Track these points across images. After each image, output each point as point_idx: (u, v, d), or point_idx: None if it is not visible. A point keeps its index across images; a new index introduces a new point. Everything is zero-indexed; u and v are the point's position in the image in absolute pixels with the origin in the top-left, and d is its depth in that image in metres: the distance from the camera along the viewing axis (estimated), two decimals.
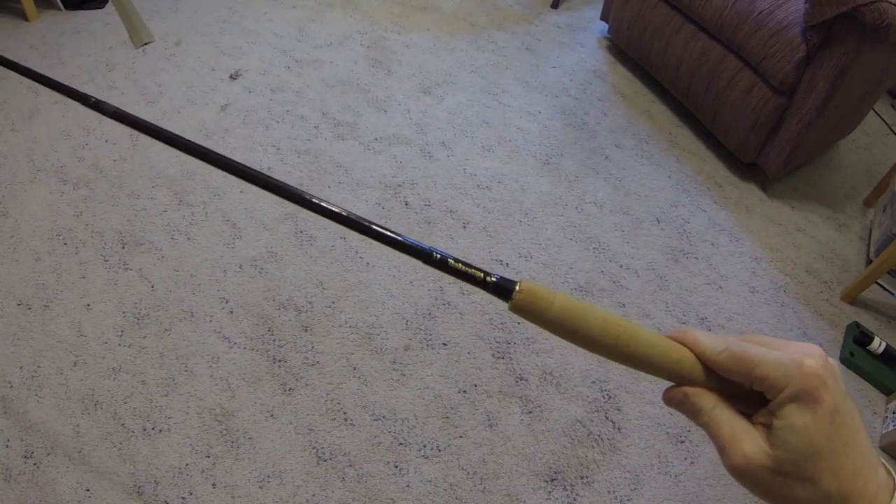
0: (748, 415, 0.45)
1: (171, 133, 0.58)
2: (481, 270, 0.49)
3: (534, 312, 0.48)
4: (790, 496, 0.42)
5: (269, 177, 0.57)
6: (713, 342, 0.45)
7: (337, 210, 0.54)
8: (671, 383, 0.48)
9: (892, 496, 0.42)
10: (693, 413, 0.46)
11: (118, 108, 0.61)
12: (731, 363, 0.44)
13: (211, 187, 2.31)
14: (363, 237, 1.84)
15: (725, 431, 0.43)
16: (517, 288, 0.48)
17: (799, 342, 0.44)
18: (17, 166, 2.33)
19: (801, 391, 0.40)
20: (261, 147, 2.47)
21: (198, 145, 0.59)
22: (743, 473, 0.42)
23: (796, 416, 0.40)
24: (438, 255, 0.50)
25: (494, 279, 0.49)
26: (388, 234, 0.51)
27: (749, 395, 0.45)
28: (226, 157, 0.58)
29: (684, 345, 0.46)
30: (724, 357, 0.44)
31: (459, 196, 2.38)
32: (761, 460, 0.41)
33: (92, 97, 0.62)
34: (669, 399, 0.47)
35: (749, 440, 0.42)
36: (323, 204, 0.54)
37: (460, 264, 0.49)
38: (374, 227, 0.52)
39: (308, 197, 0.54)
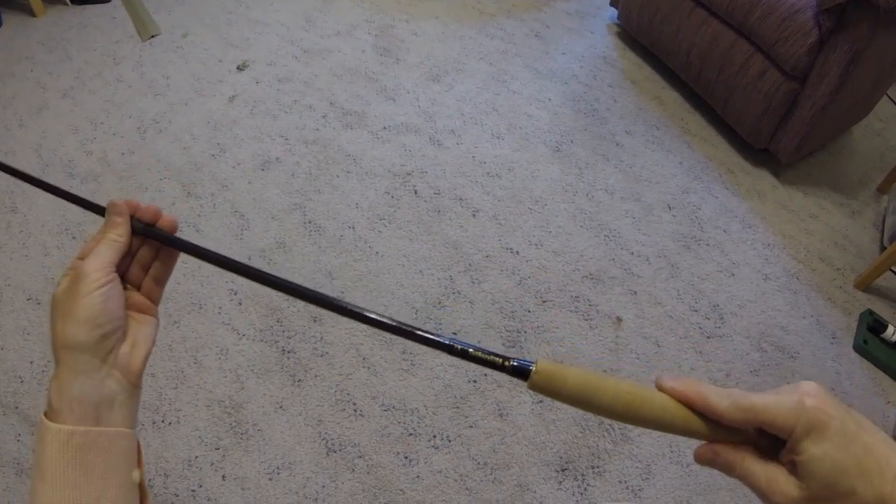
0: (768, 455, 0.50)
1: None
2: (500, 356, 0.52)
3: (551, 390, 0.52)
4: None
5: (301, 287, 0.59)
6: (717, 396, 0.49)
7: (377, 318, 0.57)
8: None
9: None
10: (726, 468, 0.50)
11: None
12: (738, 414, 0.48)
13: (219, 179, 2.30)
14: (372, 227, 1.83)
15: (762, 479, 0.48)
16: (534, 370, 0.51)
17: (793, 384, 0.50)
18: (26, 161, 2.33)
19: (809, 426, 0.46)
20: (269, 138, 2.46)
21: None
22: None
23: (814, 448, 0.45)
24: (459, 347, 0.54)
25: (513, 363, 0.52)
26: (419, 333, 0.55)
27: (756, 438, 0.51)
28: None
29: (690, 400, 0.50)
30: (731, 410, 0.48)
31: (469, 184, 2.36)
32: (800, 494, 0.46)
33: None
34: (700, 458, 0.52)
35: (783, 481, 0.47)
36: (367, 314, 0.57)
37: (479, 352, 0.53)
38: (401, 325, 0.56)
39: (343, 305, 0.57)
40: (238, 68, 2.78)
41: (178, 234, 0.63)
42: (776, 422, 0.46)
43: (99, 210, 0.60)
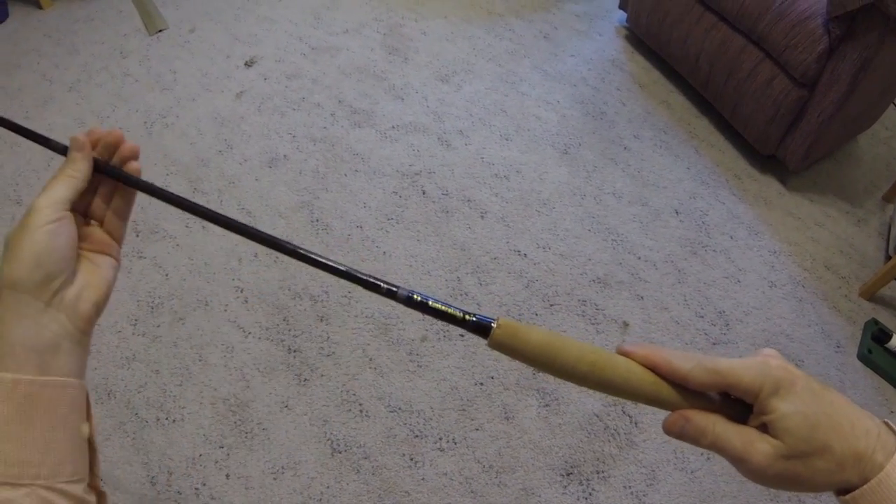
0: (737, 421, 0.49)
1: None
2: (460, 310, 0.51)
3: (512, 347, 0.50)
4: (814, 473, 0.45)
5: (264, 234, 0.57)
6: (682, 359, 0.49)
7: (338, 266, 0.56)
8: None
9: None
10: (696, 436, 0.49)
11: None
12: (704, 376, 0.48)
13: (226, 175, 2.30)
14: (380, 227, 1.82)
15: (737, 441, 0.47)
16: (495, 325, 0.50)
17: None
18: (31, 154, 2.32)
19: (776, 385, 0.46)
20: (276, 135, 2.46)
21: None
22: (766, 472, 0.46)
23: (784, 405, 0.45)
24: (419, 299, 0.52)
25: (474, 318, 0.50)
26: (363, 277, 0.54)
27: (723, 405, 0.50)
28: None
29: (655, 365, 0.50)
30: (697, 371, 0.48)
31: (477, 185, 2.36)
32: (778, 452, 0.45)
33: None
34: (670, 428, 0.50)
35: (759, 441, 0.46)
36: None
37: (439, 305, 0.51)
38: (327, 261, 0.56)
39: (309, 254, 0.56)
40: (246, 64, 2.77)
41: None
42: (742, 382, 0.46)
43: (62, 150, 0.58)
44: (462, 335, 1.92)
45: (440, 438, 1.72)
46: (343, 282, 1.99)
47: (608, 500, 1.67)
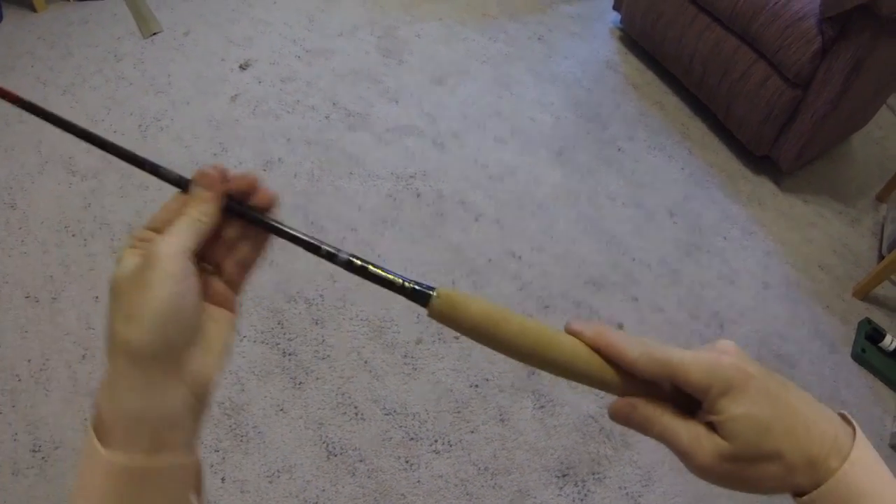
0: (687, 413, 0.47)
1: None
2: (399, 277, 0.49)
3: (452, 318, 0.48)
4: (761, 477, 0.44)
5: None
6: (631, 345, 0.46)
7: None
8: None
9: (854, 438, 0.44)
10: (643, 425, 0.47)
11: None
12: (651, 365, 0.45)
13: None
14: (375, 229, 1.81)
15: (684, 437, 0.45)
16: (435, 294, 0.48)
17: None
18: (25, 157, 2.32)
19: (727, 385, 0.43)
20: (271, 138, 2.45)
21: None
22: (713, 471, 0.44)
23: (733, 407, 0.43)
24: (358, 262, 0.49)
25: (413, 286, 0.48)
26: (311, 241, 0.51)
27: (673, 394, 0.47)
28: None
29: (598, 346, 0.47)
30: (645, 360, 0.45)
31: (472, 187, 2.36)
32: (724, 454, 0.43)
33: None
34: (616, 414, 0.48)
35: (706, 439, 0.44)
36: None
37: (379, 270, 0.49)
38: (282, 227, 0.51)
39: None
40: (240, 67, 2.77)
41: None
42: (690, 379, 0.44)
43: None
44: (457, 337, 1.92)
45: (435, 441, 1.73)
46: (338, 285, 2.00)
47: (604, 501, 1.67)
